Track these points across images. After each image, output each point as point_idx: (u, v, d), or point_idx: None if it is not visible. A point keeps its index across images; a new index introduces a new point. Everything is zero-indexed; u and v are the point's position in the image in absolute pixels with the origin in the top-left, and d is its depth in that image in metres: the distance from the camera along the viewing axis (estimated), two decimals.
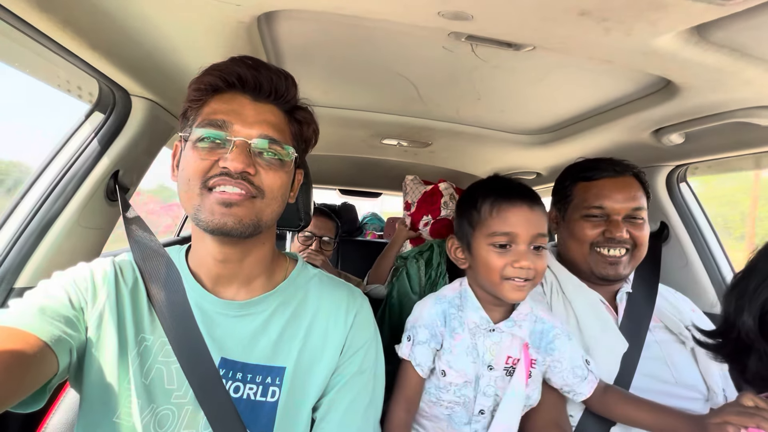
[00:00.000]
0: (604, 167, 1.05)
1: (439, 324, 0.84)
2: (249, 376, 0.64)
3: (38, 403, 0.56)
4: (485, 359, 0.82)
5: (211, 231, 0.61)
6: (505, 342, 0.84)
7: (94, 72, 0.84)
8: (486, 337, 0.83)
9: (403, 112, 1.29)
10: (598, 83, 0.95)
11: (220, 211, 0.59)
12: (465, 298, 0.87)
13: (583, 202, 1.04)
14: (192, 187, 0.61)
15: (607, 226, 1.00)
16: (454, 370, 0.82)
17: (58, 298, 0.59)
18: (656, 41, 0.63)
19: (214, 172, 0.60)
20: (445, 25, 0.67)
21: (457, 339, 0.83)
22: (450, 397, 0.83)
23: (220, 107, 0.63)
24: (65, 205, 0.93)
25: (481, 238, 0.82)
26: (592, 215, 1.02)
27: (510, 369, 0.83)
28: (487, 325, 0.84)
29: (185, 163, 0.62)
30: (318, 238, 1.60)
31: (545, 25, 0.63)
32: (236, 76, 0.63)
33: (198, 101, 0.65)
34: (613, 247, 0.99)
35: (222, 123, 0.61)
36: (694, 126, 0.98)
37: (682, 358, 0.99)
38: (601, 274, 1.01)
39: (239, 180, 0.60)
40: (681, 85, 0.81)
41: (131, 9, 0.67)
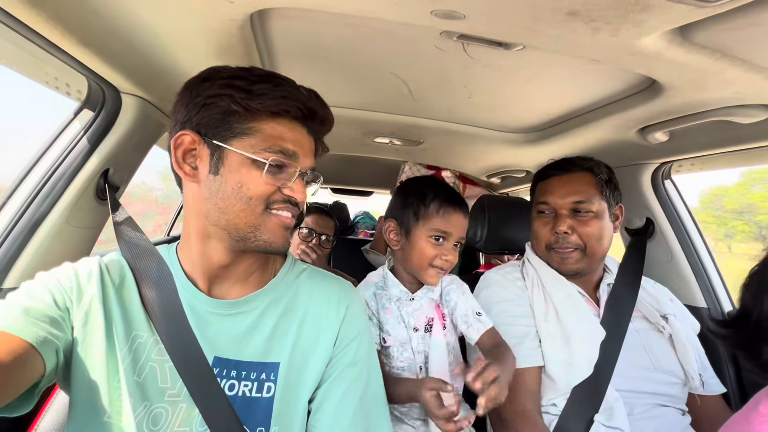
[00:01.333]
0: (557, 166, 1.12)
1: (372, 303, 1.00)
2: (243, 374, 0.64)
3: (26, 407, 0.55)
4: (410, 323, 0.99)
5: (269, 251, 0.66)
6: (424, 306, 1.01)
7: (83, 69, 0.83)
8: (408, 305, 1.00)
9: (395, 110, 1.30)
10: (586, 82, 0.97)
11: (282, 234, 0.66)
12: (386, 278, 1.04)
13: (536, 199, 1.14)
14: (254, 207, 0.63)
15: (554, 221, 1.08)
16: (391, 336, 0.97)
17: (43, 299, 0.58)
18: (641, 42, 0.65)
19: (276, 197, 0.65)
20: (438, 24, 0.68)
21: (388, 312, 0.99)
22: (397, 363, 0.97)
23: (287, 135, 0.65)
24: (54, 204, 0.92)
25: (423, 230, 0.98)
26: (540, 211, 1.11)
27: (428, 326, 1.00)
28: (407, 296, 1.01)
29: (245, 179, 0.62)
30: (318, 236, 1.61)
31: (535, 25, 0.65)
32: (311, 111, 0.66)
33: (256, 113, 0.62)
34: (560, 245, 1.07)
35: (292, 153, 0.65)
36: (677, 124, 1.01)
37: (660, 346, 1.03)
38: (558, 268, 1.08)
39: (296, 206, 0.67)
40: (665, 85, 0.84)
41: (122, 5, 0.67)
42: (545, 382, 0.99)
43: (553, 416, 0.95)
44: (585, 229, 1.05)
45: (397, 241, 1.02)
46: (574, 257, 1.06)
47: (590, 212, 1.05)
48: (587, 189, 1.07)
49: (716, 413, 1.01)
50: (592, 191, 1.06)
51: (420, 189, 1.01)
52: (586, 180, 1.08)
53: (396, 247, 1.03)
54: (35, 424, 0.76)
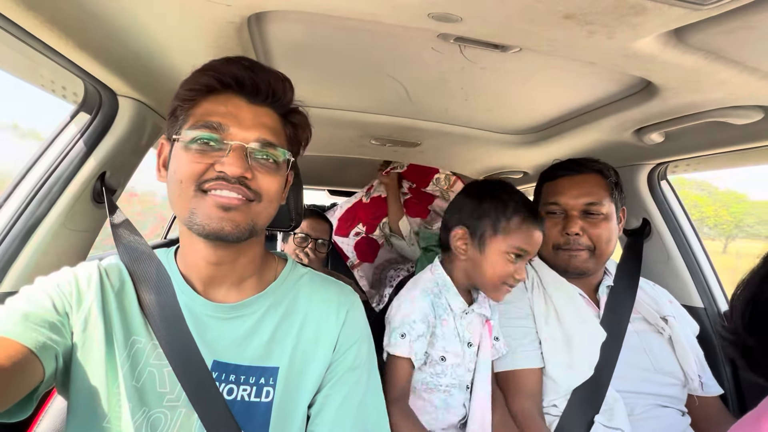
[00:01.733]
0: (566, 166, 1.12)
1: (431, 314, 0.90)
2: (242, 378, 0.64)
3: (24, 412, 0.55)
4: (465, 337, 0.93)
5: (206, 235, 0.60)
6: (475, 321, 0.96)
7: (80, 72, 0.83)
8: (462, 319, 0.94)
9: (393, 112, 1.30)
10: (582, 84, 0.98)
11: (217, 215, 0.59)
12: (443, 286, 0.95)
13: (544, 200, 1.12)
14: (185, 189, 0.60)
15: (564, 222, 1.06)
16: (451, 353, 0.90)
17: (42, 304, 0.58)
18: (637, 44, 0.66)
19: (209, 175, 0.59)
20: (434, 26, 0.68)
21: (445, 324, 0.91)
22: (448, 381, 0.90)
23: (215, 108, 0.61)
24: (51, 208, 0.91)
25: (502, 244, 0.91)
26: (550, 212, 1.09)
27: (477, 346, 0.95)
28: (464, 308, 0.95)
29: (177, 164, 0.61)
30: (313, 240, 1.61)
31: (531, 28, 0.65)
32: (233, 77, 0.61)
33: (190, 101, 0.63)
34: (569, 245, 1.05)
35: (218, 125, 0.60)
36: (673, 125, 1.02)
37: (660, 347, 1.04)
38: (564, 268, 1.07)
39: (236, 185, 0.59)
40: (660, 86, 0.84)
41: (119, 8, 0.67)
42: (546, 384, 0.99)
43: (554, 417, 0.96)
44: (596, 230, 1.04)
45: (465, 251, 0.94)
46: (582, 257, 1.05)
47: (601, 214, 1.05)
48: (598, 191, 1.06)
49: (714, 414, 1.03)
50: (603, 193, 1.06)
51: (501, 199, 0.93)
52: (597, 182, 1.07)
53: (462, 257, 0.95)
54: (32, 429, 0.76)
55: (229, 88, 0.63)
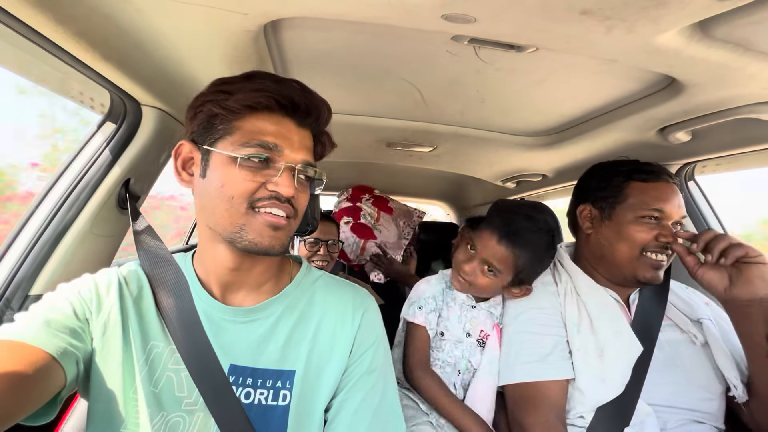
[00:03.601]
0: (657, 170, 1.02)
1: (440, 298, 1.09)
2: (259, 381, 0.64)
3: (49, 415, 0.56)
4: (466, 327, 1.07)
5: (256, 252, 0.63)
6: (481, 317, 1.08)
7: (106, 83, 0.87)
8: (468, 311, 1.08)
9: (408, 116, 1.30)
10: (602, 83, 0.95)
11: (268, 234, 0.62)
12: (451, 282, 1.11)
13: (642, 204, 0.99)
14: (236, 206, 0.61)
15: (660, 230, 0.97)
16: (449, 332, 1.06)
17: (63, 310, 0.59)
18: (659, 39, 0.64)
19: (261, 194, 0.62)
20: (449, 28, 0.68)
21: (451, 310, 1.08)
22: (443, 356, 1.05)
23: (267, 128, 0.62)
24: (78, 214, 0.95)
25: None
26: (651, 217, 0.98)
27: (482, 342, 1.06)
28: (470, 302, 1.09)
29: (225, 179, 0.61)
30: (324, 243, 1.62)
31: (547, 26, 0.64)
32: (290, 99, 0.63)
33: (237, 113, 0.63)
34: (661, 252, 0.97)
35: (274, 146, 0.62)
36: (700, 123, 0.98)
37: (693, 359, 0.97)
38: (645, 278, 0.97)
39: (286, 204, 0.62)
40: (685, 83, 0.81)
41: (142, 20, 0.69)
42: (574, 395, 0.94)
43: (580, 429, 0.92)
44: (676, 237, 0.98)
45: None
46: (664, 266, 0.99)
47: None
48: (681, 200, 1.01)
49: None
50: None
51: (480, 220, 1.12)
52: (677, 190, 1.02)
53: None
54: (58, 429, 0.78)
55: (283, 109, 0.64)
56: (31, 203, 0.95)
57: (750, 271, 0.83)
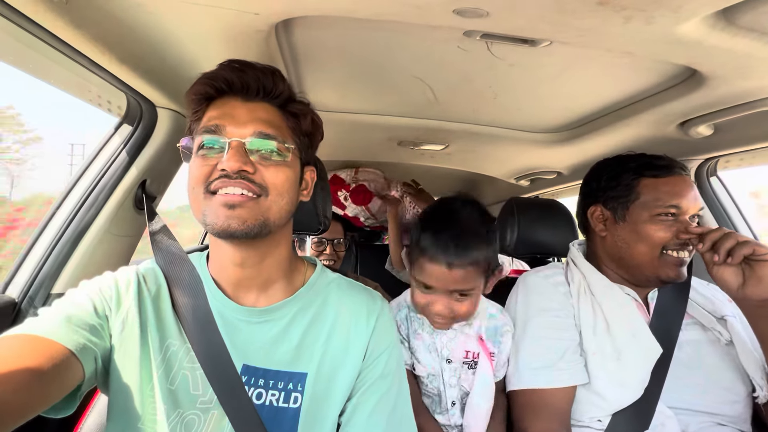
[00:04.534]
0: (669, 164, 0.96)
1: (404, 327, 0.94)
2: (271, 382, 0.64)
3: (69, 409, 0.57)
4: (443, 354, 0.93)
5: (217, 234, 0.62)
6: (459, 338, 0.94)
7: (122, 85, 0.88)
8: (442, 335, 0.94)
9: (419, 114, 1.29)
10: (619, 76, 0.93)
11: (224, 213, 0.60)
12: None
13: (656, 201, 0.93)
14: (197, 193, 0.62)
15: (679, 226, 0.91)
16: (420, 365, 0.93)
17: (84, 307, 0.61)
18: (679, 29, 0.61)
19: (214, 176, 0.61)
20: (460, 23, 0.67)
21: (418, 339, 0.94)
22: (424, 389, 0.94)
23: (214, 113, 0.64)
24: (97, 214, 0.97)
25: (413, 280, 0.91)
26: (668, 214, 0.92)
27: (472, 363, 0.93)
28: None
29: (190, 173, 0.63)
30: (330, 242, 1.62)
31: (562, 18, 0.63)
32: (223, 80, 0.63)
33: (197, 113, 0.66)
34: (682, 249, 0.92)
35: (216, 127, 0.62)
36: (723, 116, 0.94)
37: (716, 359, 0.93)
38: (668, 277, 0.93)
39: (239, 180, 0.60)
40: (707, 74, 0.78)
41: (155, 23, 0.71)
42: (591, 399, 0.91)
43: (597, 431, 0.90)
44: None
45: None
46: (687, 262, 0.93)
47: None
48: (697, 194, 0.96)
49: None
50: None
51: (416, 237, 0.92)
52: (692, 184, 0.96)
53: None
54: (80, 424, 0.80)
55: (224, 92, 0.65)
56: (51, 204, 0.97)
57: (761, 270, 0.80)
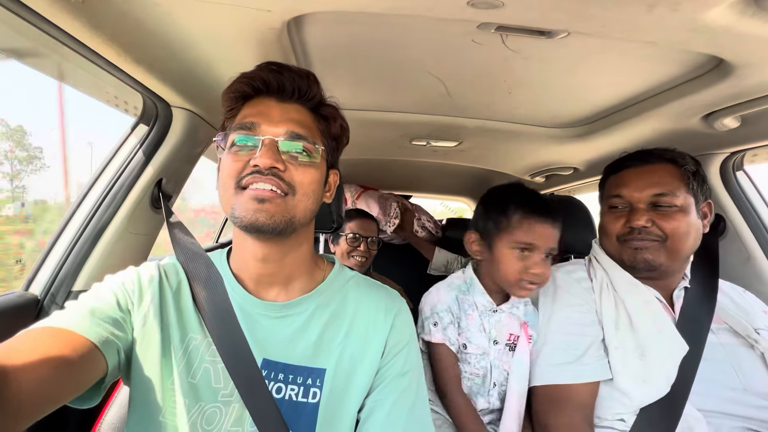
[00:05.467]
0: (632, 157, 1.03)
1: (455, 307, 1.00)
2: (290, 377, 0.65)
3: (94, 400, 0.59)
4: (491, 335, 1.00)
5: (245, 227, 0.63)
6: (504, 320, 1.01)
7: (138, 86, 0.89)
8: (490, 317, 1.00)
9: (433, 110, 1.28)
10: (640, 67, 0.89)
11: (253, 207, 0.61)
12: (472, 285, 1.03)
13: (607, 193, 1.04)
14: (227, 187, 0.63)
15: (629, 215, 0.98)
16: (473, 344, 0.99)
17: (107, 301, 0.62)
18: (706, 15, 0.59)
19: (246, 171, 0.62)
20: (475, 15, 0.65)
21: (470, 319, 1.00)
22: (471, 369, 0.99)
23: (249, 111, 0.66)
24: (115, 213, 0.99)
25: (505, 241, 0.97)
26: (613, 205, 1.01)
27: (512, 345, 1.00)
28: (491, 307, 1.01)
29: (222, 168, 0.65)
30: (364, 239, 1.64)
31: (581, 7, 0.61)
32: (261, 80, 0.66)
33: (231, 110, 0.68)
34: (636, 238, 0.96)
35: (251, 125, 0.64)
36: (751, 108, 0.90)
37: (752, 364, 0.90)
38: (631, 263, 0.97)
39: (269, 176, 0.62)
40: (735, 63, 0.75)
41: (170, 22, 0.71)
42: (613, 395, 0.90)
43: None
44: (667, 221, 0.93)
45: (479, 252, 1.03)
46: (651, 248, 0.94)
47: (674, 206, 0.93)
48: (670, 181, 0.95)
49: None
50: (677, 183, 0.94)
51: (500, 199, 1.01)
52: (669, 171, 0.96)
53: (479, 258, 1.04)
54: (102, 415, 0.82)
55: (261, 91, 0.67)
56: (71, 204, 0.99)
57: None
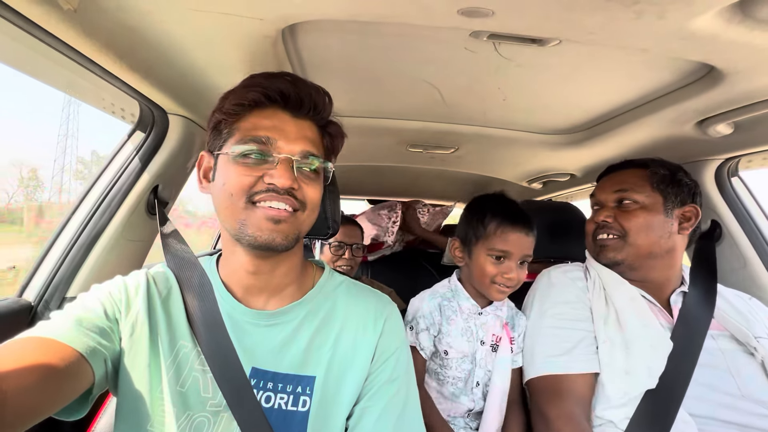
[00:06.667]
0: (614, 167, 1.12)
1: (437, 314, 1.03)
2: (280, 386, 0.64)
3: (81, 412, 0.58)
4: (478, 336, 1.03)
5: (257, 246, 0.62)
6: (490, 322, 1.05)
7: (134, 93, 0.90)
8: (476, 319, 1.05)
9: (428, 117, 1.29)
10: (632, 75, 0.90)
11: (268, 227, 0.61)
12: (456, 291, 1.08)
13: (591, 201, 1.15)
14: (235, 202, 0.62)
15: (595, 215, 1.09)
16: (454, 349, 1.02)
17: (94, 310, 0.61)
18: (694, 23, 0.59)
19: (259, 188, 0.61)
20: (466, 23, 0.66)
21: (453, 323, 1.03)
22: (453, 373, 1.01)
23: (261, 123, 0.63)
24: (110, 220, 0.99)
25: (482, 249, 1.02)
26: (592, 209, 1.13)
27: (495, 345, 1.04)
28: (477, 310, 1.06)
29: (226, 177, 0.63)
30: (348, 247, 1.61)
31: (570, 16, 0.61)
32: (278, 92, 0.64)
33: (235, 115, 0.65)
34: (600, 233, 1.07)
35: (266, 139, 0.62)
36: (743, 114, 0.91)
37: (751, 371, 0.90)
38: (597, 257, 1.08)
39: (285, 196, 0.61)
40: (725, 71, 0.76)
41: (165, 30, 0.72)
42: (598, 390, 0.92)
43: None
44: (627, 217, 1.02)
45: (461, 259, 1.09)
46: (611, 245, 1.04)
47: (634, 202, 1.02)
48: (635, 181, 1.03)
49: None
50: (641, 183, 1.03)
51: (480, 208, 1.07)
52: (636, 173, 1.05)
53: (460, 263, 1.10)
54: (92, 426, 0.81)
55: (275, 102, 0.65)
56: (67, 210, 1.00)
57: None
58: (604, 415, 0.90)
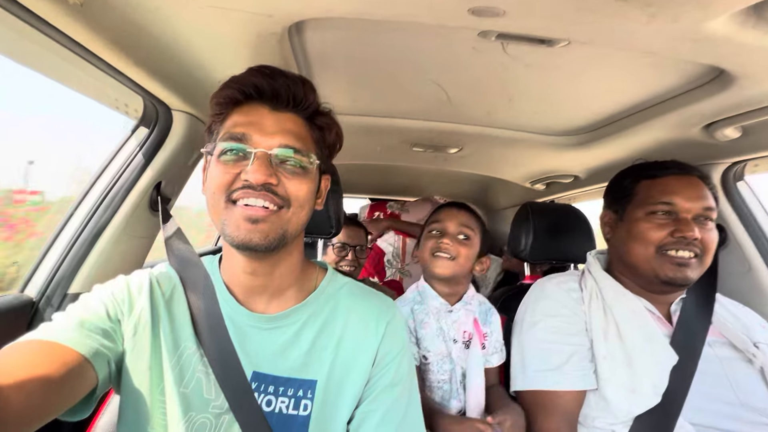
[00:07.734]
0: (669, 165, 0.98)
1: (410, 321, 1.02)
2: (281, 389, 0.63)
3: (85, 412, 0.58)
4: (450, 334, 1.02)
5: (236, 246, 0.61)
6: (461, 319, 1.04)
7: (138, 89, 0.90)
8: (447, 317, 1.04)
9: (433, 117, 1.28)
10: (640, 77, 0.90)
11: (245, 227, 0.59)
12: (424, 292, 1.08)
13: (648, 198, 0.96)
14: (217, 200, 0.61)
15: (676, 225, 0.91)
16: (431, 352, 1.01)
17: (97, 311, 0.61)
18: (707, 26, 0.59)
19: (236, 185, 0.60)
20: (476, 23, 0.66)
21: (427, 327, 1.02)
22: (436, 377, 1.00)
23: (239, 119, 0.63)
24: (113, 216, 0.98)
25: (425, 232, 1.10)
26: (659, 212, 0.94)
27: (467, 342, 1.03)
28: (445, 308, 1.05)
29: (210, 177, 0.63)
30: (352, 248, 1.60)
31: (581, 16, 0.61)
32: (253, 86, 0.62)
33: (220, 115, 0.65)
34: (682, 248, 0.90)
35: (242, 135, 0.61)
36: (752, 118, 0.90)
37: (749, 379, 0.89)
38: (667, 277, 0.91)
39: (262, 191, 0.59)
40: (736, 74, 0.75)
41: (171, 26, 0.71)
42: (601, 405, 0.90)
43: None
44: (709, 236, 0.92)
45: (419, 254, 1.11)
46: (693, 264, 0.91)
47: (712, 220, 0.94)
48: (709, 195, 0.95)
49: None
50: (712, 198, 0.95)
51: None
52: (704, 185, 0.96)
53: (419, 261, 1.12)
54: (93, 424, 0.80)
55: (252, 98, 0.63)
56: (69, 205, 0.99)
57: None
58: (605, 428, 0.88)
